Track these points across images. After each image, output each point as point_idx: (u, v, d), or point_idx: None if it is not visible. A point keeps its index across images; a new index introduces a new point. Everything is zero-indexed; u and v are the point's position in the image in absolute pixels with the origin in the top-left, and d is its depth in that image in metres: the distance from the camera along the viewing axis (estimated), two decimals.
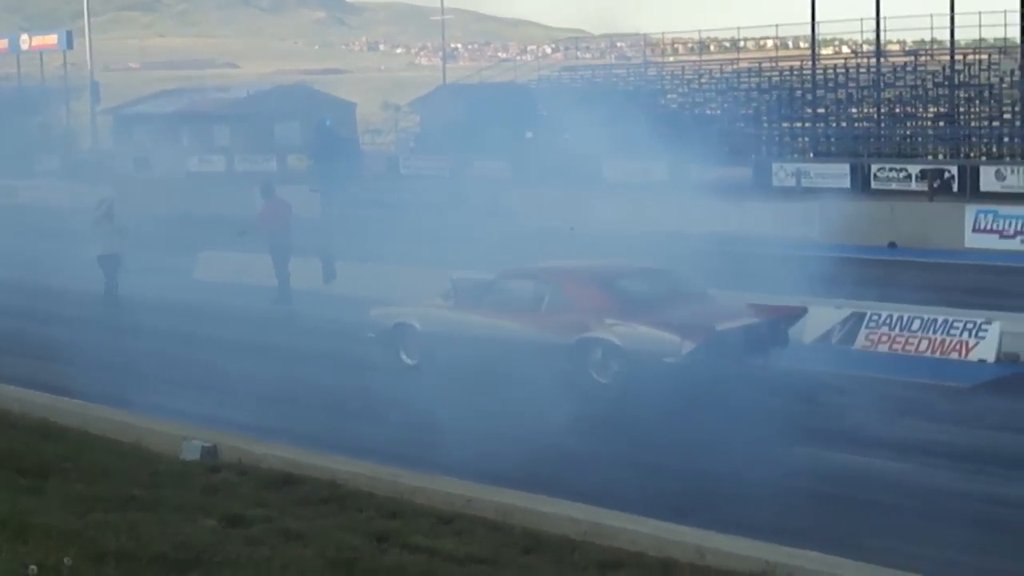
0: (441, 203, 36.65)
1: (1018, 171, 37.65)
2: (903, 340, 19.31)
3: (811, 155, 44.70)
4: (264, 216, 25.06)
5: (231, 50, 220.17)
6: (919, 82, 45.87)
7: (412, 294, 19.90)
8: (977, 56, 46.21)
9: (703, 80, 51.97)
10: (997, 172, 37.68)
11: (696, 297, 17.25)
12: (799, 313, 17.87)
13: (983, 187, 37.31)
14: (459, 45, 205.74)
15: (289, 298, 24.34)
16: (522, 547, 10.12)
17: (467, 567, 9.52)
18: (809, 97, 47.83)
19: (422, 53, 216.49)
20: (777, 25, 68.64)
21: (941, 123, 44.12)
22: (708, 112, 49.51)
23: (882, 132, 44.22)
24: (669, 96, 51.75)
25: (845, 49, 61.15)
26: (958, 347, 18.72)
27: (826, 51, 58.01)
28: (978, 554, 10.69)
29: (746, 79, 50.53)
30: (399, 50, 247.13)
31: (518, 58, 60.92)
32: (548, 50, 61.90)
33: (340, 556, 9.58)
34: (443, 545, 10.03)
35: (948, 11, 44.96)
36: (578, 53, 63.72)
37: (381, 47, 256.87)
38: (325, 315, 22.58)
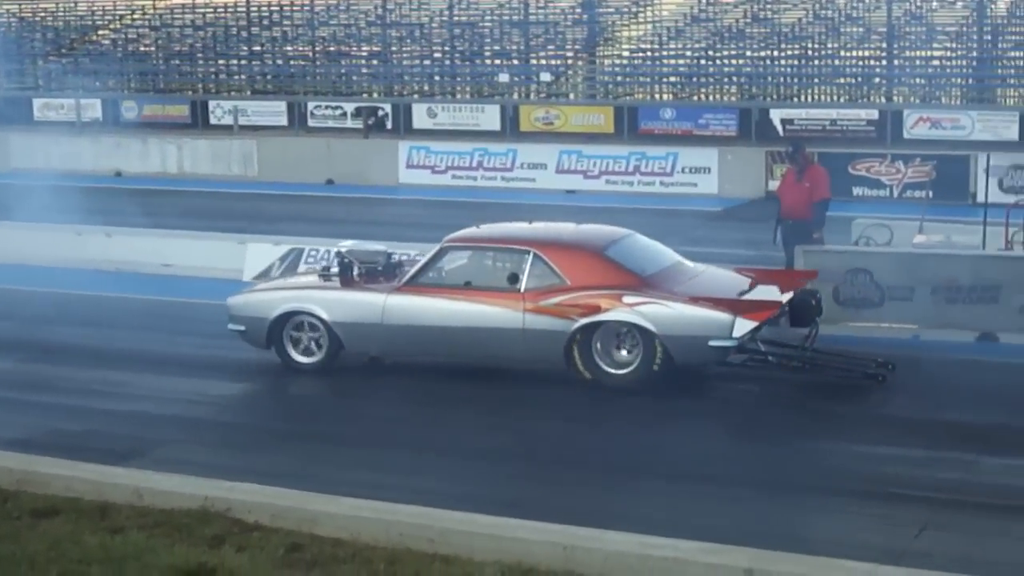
0: None
1: (448, 108, 39.09)
2: None
3: (248, 93, 44.67)
4: None
5: None
6: (352, 21, 46.65)
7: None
8: None
9: (135, 16, 50.74)
10: (429, 110, 38.93)
11: (686, 266, 14.46)
12: (811, 277, 14.75)
13: (416, 124, 38.44)
14: None
15: None
16: None
17: None
18: (244, 35, 47.69)
19: None
20: None
21: (374, 61, 45.11)
22: (142, 49, 48.46)
23: (317, 70, 44.73)
24: (101, 32, 50.21)
25: None
26: None
27: None
28: (416, 475, 11.09)
29: (179, 16, 49.71)
30: None
31: None
32: None
33: None
34: None
35: None
36: None
37: None
38: None
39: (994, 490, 10.59)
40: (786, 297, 13.62)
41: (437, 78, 43.68)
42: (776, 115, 34.18)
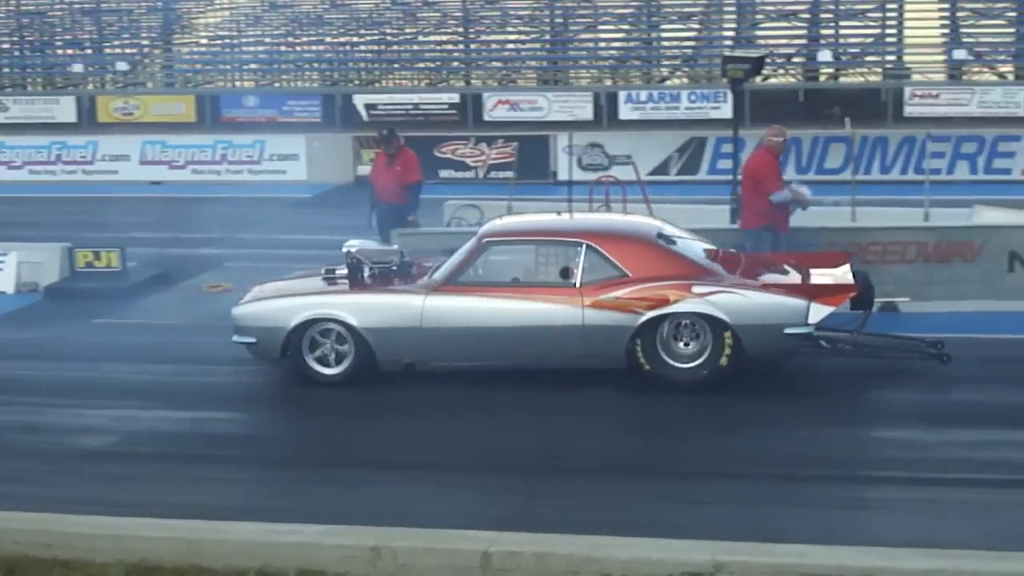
0: None
1: (20, 101, 37.55)
2: None
3: None
4: None
5: None
6: None
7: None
8: None
9: None
10: None
11: (731, 253, 13.77)
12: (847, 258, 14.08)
13: None
14: None
15: None
16: None
17: None
18: None
19: None
20: None
21: None
22: None
23: None
24: None
25: None
26: None
27: None
28: (17, 483, 10.74)
29: None
30: None
31: None
32: None
33: None
34: None
35: None
36: None
37: None
38: None
39: (600, 455, 11.12)
40: (852, 279, 13.16)
41: (6, 70, 41.94)
42: (359, 100, 34.41)
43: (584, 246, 12.87)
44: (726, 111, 29.18)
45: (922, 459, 10.81)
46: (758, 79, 26.84)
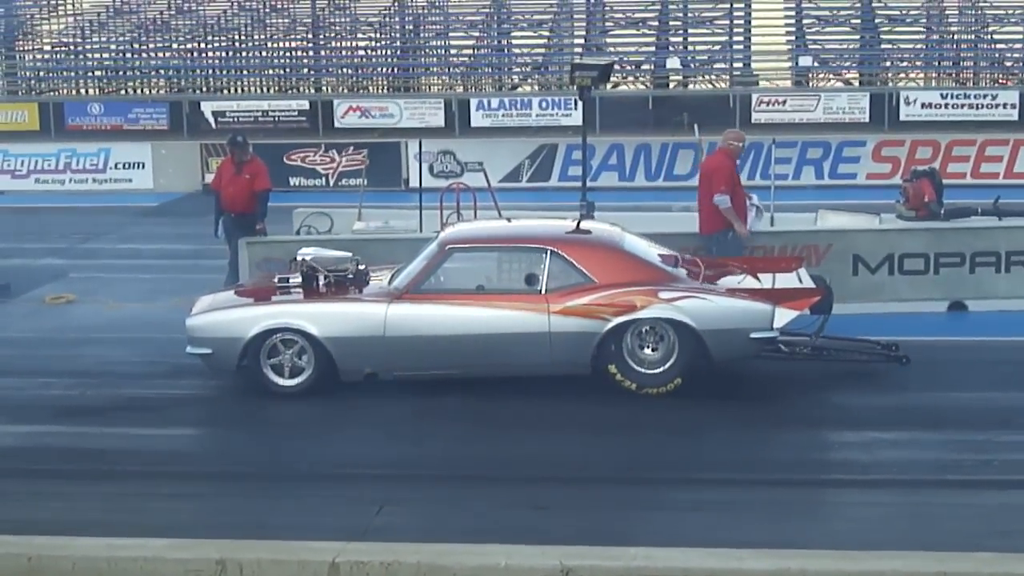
0: None
1: None
2: None
3: None
4: None
5: None
6: None
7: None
8: None
9: None
10: None
11: (689, 257, 13.64)
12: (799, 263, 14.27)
13: None
14: None
15: None
16: None
17: None
18: None
19: None
20: None
21: None
22: None
23: None
24: None
25: None
26: None
27: None
28: None
29: None
30: None
31: None
32: None
33: None
34: None
35: None
36: None
37: None
38: None
39: (445, 463, 11.07)
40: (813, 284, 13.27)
41: None
42: (208, 108, 34.09)
43: (549, 252, 12.75)
44: (576, 118, 29.34)
45: (767, 460, 10.97)
46: (607, 86, 27.08)
